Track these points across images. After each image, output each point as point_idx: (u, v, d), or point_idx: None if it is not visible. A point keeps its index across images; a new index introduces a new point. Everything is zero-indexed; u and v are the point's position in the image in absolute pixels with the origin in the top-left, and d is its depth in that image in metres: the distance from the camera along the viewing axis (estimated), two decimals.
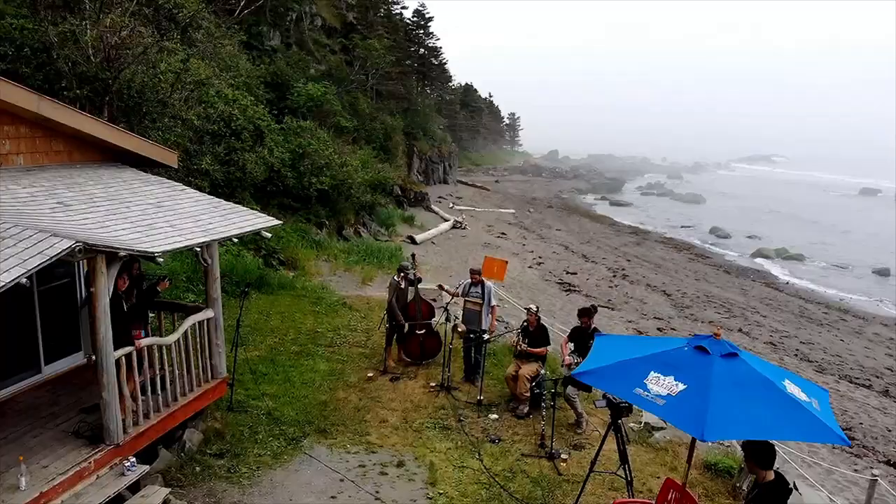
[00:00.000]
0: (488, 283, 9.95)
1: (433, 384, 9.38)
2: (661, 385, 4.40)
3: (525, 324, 8.83)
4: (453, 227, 33.61)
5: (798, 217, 60.72)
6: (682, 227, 49.66)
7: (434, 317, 10.43)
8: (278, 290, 14.11)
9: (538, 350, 8.76)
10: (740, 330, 20.28)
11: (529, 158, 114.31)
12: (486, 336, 9.55)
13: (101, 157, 8.15)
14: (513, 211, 45.78)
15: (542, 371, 8.85)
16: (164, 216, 6.72)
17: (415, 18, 57.54)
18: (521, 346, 8.67)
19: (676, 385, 4.39)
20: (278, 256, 18.16)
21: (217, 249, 7.35)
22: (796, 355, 18.46)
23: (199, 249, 6.59)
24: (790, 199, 78.55)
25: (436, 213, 36.91)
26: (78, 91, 12.70)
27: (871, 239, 47.31)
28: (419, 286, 10.56)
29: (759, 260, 37.52)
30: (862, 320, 25.02)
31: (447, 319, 9.68)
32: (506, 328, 15.62)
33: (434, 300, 18.55)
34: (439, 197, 43.11)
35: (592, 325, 8.33)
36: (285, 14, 35.55)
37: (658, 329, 19.14)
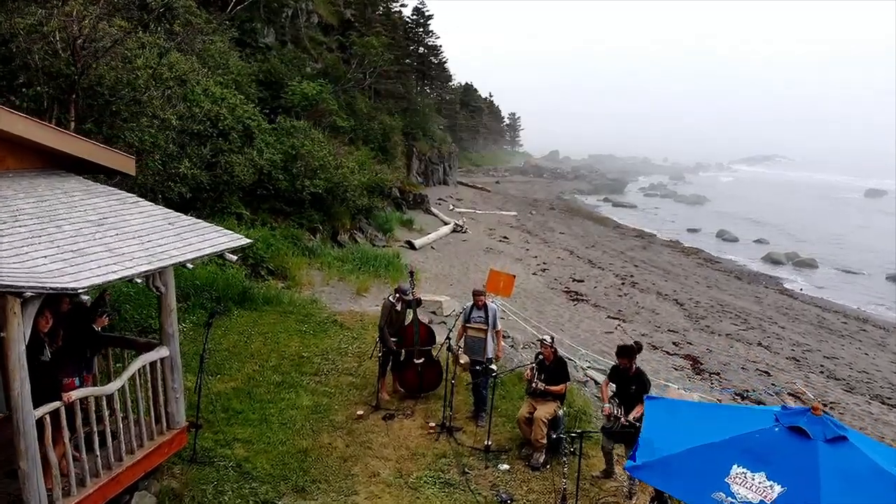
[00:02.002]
0: (491, 304, 8.69)
1: (433, 424, 8.13)
2: (750, 487, 3.18)
3: (540, 357, 7.57)
4: (454, 230, 32.41)
5: (805, 219, 59.49)
6: (687, 230, 48.42)
7: (434, 343, 9.18)
8: (263, 306, 12.87)
9: (557, 388, 7.51)
10: (760, 344, 19.05)
11: (530, 159, 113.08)
12: (493, 367, 8.30)
13: (42, 164, 6.91)
14: (514, 213, 44.54)
15: (562, 412, 7.62)
16: (104, 237, 5.48)
17: (414, 16, 56.40)
18: (537, 384, 7.41)
19: (771, 487, 3.17)
20: (267, 266, 16.95)
21: (173, 274, 6.11)
22: (822, 373, 17.22)
23: (140, 281, 5.35)
24: (796, 200, 77.40)
25: (435, 215, 35.71)
26: (39, 88, 11.48)
27: (881, 242, 46.06)
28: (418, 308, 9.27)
29: (769, 265, 36.32)
30: (883, 331, 23.79)
31: (449, 349, 8.42)
32: (511, 345, 14.42)
33: (434, 312, 17.49)
34: (439, 199, 41.89)
35: (635, 367, 6.90)
36: (280, 10, 34.37)
37: (674, 343, 17.90)
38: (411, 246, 26.15)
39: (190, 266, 5.68)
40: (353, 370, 9.92)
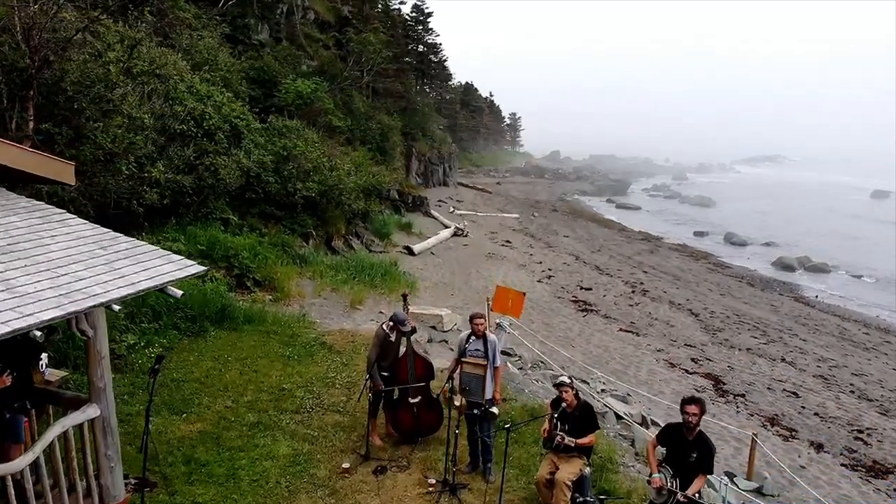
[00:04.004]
0: (491, 335, 7.38)
1: (433, 480, 6.86)
2: None
3: (563, 406, 6.27)
4: (454, 234, 31.17)
5: (813, 221, 58.39)
6: (694, 233, 47.25)
7: (433, 378, 7.90)
8: (244, 325, 11.59)
9: (587, 441, 6.24)
10: (783, 359, 17.80)
11: (531, 159, 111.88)
12: (495, 410, 7.04)
13: None
14: (516, 215, 43.32)
15: (588, 469, 6.36)
16: (5, 270, 4.23)
17: (413, 14, 55.11)
18: (563, 439, 6.12)
19: None
20: (253, 276, 15.67)
21: (104, 315, 4.83)
22: (853, 392, 15.98)
23: (38, 334, 4.06)
24: (802, 201, 76.27)
25: (435, 218, 34.48)
26: None
27: (892, 244, 44.85)
28: (413, 337, 7.97)
29: (781, 270, 35.13)
30: None
31: (451, 390, 7.13)
32: (520, 367, 13.13)
33: (433, 327, 16.19)
34: (439, 200, 40.65)
35: (697, 430, 5.55)
36: (275, 6, 33.04)
37: (692, 360, 16.64)
38: (410, 251, 24.90)
39: (116, 308, 4.42)
40: (340, 406, 8.64)
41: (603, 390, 12.85)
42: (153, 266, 4.87)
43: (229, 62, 22.06)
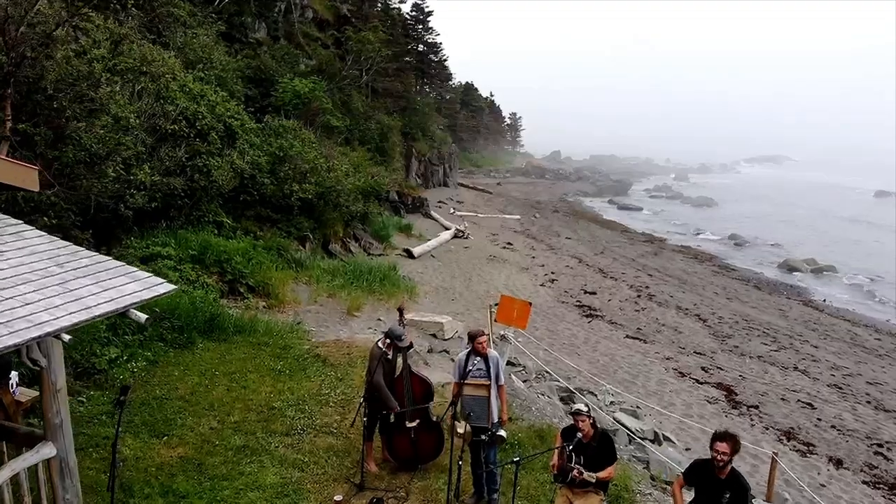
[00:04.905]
0: (493, 352, 6.82)
1: None
2: None
3: (578, 436, 5.67)
4: (455, 236, 30.60)
5: (817, 221, 57.93)
6: (698, 234, 46.70)
7: (432, 399, 7.30)
8: (234, 336, 11.00)
9: (606, 474, 5.65)
10: (796, 368, 17.20)
11: (531, 160, 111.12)
12: (503, 433, 6.49)
13: None
14: (518, 217, 42.75)
15: None
16: None
17: (413, 13, 54.55)
18: (579, 472, 5.53)
19: None
20: (246, 282, 15.08)
21: (59, 345, 4.24)
22: (869, 402, 15.40)
23: None
24: (804, 201, 75.71)
25: (435, 220, 33.93)
26: None
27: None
28: (409, 353, 7.38)
29: (787, 273, 34.53)
30: None
31: (454, 417, 6.54)
32: (524, 380, 12.53)
33: (434, 335, 15.61)
34: (439, 201, 40.09)
35: (730, 467, 4.98)
36: (272, 4, 32.49)
37: (703, 369, 16.06)
38: (409, 254, 24.34)
39: (67, 337, 3.84)
40: (333, 426, 8.06)
41: (612, 402, 12.27)
42: (114, 286, 4.29)
43: (225, 61, 21.51)
